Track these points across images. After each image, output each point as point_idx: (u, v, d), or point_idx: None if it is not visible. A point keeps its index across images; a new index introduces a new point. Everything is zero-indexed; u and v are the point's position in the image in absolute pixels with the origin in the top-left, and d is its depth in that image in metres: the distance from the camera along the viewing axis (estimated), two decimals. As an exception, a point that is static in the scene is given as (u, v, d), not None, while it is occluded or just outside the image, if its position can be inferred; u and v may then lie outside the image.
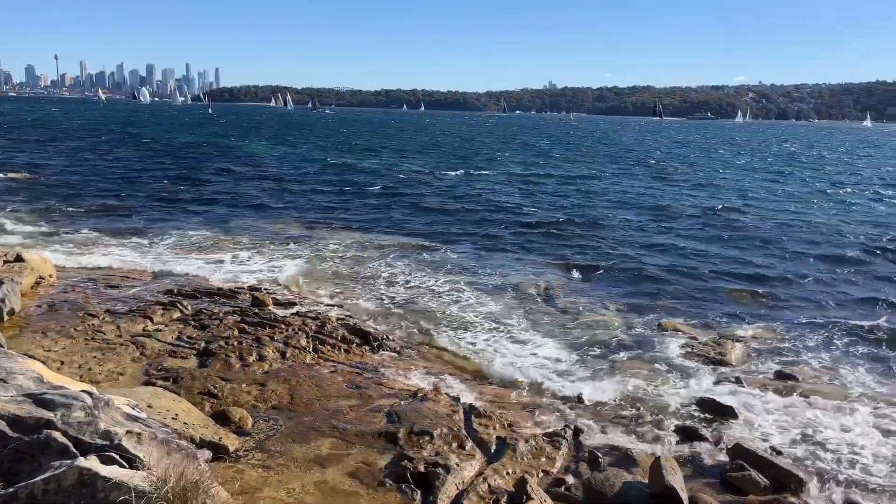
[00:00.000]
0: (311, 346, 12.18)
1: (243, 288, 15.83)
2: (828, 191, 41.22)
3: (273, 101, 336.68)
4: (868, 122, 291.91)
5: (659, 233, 25.06)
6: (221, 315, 13.44)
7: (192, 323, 12.97)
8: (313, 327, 13.02)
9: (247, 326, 12.80)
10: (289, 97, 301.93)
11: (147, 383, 9.98)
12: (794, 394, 10.87)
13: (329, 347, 12.30)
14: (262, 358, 11.32)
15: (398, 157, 58.34)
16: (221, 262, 18.55)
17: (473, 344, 12.87)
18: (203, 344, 11.82)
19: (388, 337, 12.94)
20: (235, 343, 11.88)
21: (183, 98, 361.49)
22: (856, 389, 11.24)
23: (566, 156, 68.24)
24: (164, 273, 16.97)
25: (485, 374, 11.55)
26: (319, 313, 14.10)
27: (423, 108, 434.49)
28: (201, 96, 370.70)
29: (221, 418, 8.92)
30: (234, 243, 20.91)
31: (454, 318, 14.40)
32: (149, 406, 8.03)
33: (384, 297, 15.76)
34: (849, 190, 41.93)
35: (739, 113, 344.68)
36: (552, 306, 15.58)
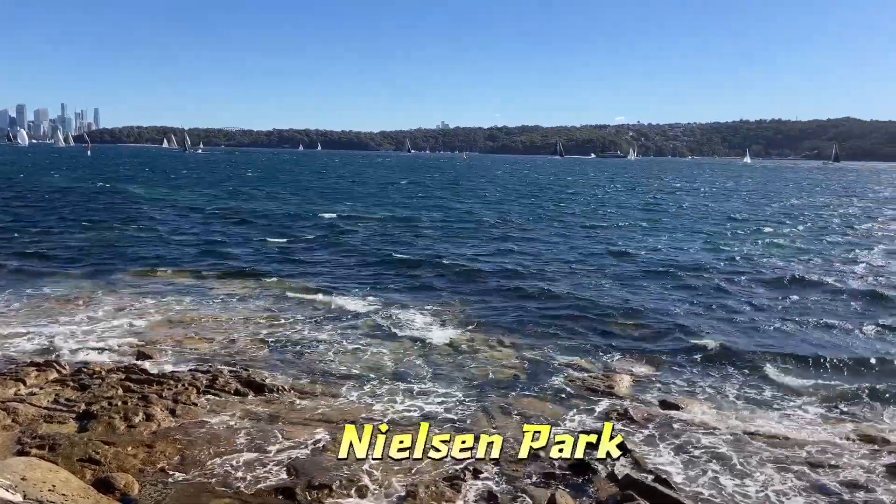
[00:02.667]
0: (202, 401, 11.73)
1: (126, 344, 15.07)
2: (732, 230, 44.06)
3: (166, 142, 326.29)
4: (748, 159, 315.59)
5: (553, 271, 25.92)
6: (104, 373, 12.71)
7: (71, 383, 12.19)
8: (204, 381, 12.55)
9: (132, 384, 12.17)
10: (186, 138, 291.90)
11: (20, 453, 9.28)
12: (678, 422, 11.50)
13: (222, 401, 11.89)
14: (149, 417, 10.78)
15: (286, 199, 57.58)
16: (92, 318, 17.57)
17: (371, 390, 12.80)
18: (83, 406, 11.13)
19: (283, 388, 12.66)
20: (120, 403, 11.25)
21: (65, 140, 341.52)
22: (733, 414, 12.02)
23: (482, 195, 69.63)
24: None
25: (382, 420, 11.49)
26: (211, 366, 13.62)
27: (319, 148, 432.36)
28: (85, 136, 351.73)
29: (105, 486, 8.42)
30: (102, 295, 19.86)
31: (350, 365, 14.29)
32: (22, 479, 7.49)
33: (277, 347, 15.43)
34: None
35: (631, 151, 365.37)
36: (448, 346, 15.76)
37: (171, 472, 9.12)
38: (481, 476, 9.32)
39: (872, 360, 15.10)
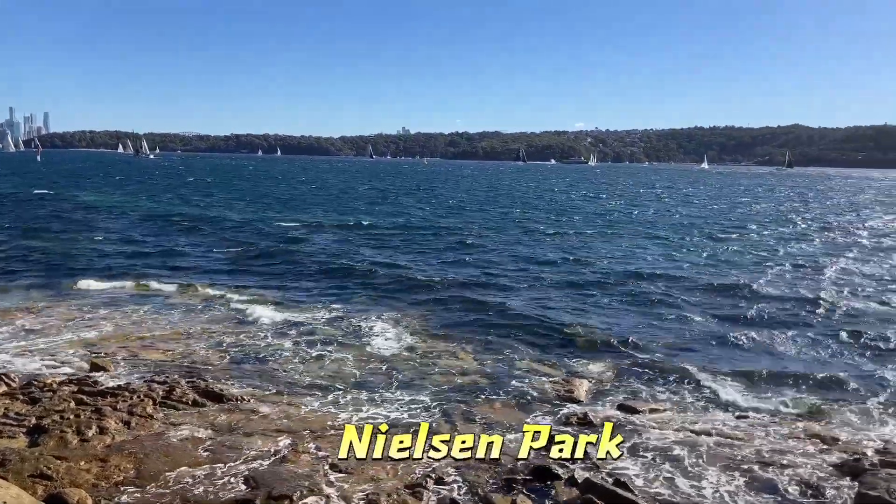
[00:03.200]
0: (159, 413, 11.52)
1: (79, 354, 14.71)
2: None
3: (121, 147, 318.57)
4: (705, 165, 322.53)
5: (514, 278, 26.11)
6: (55, 386, 12.38)
7: (21, 397, 11.85)
8: (161, 392, 12.32)
9: (85, 397, 11.88)
10: (143, 143, 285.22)
11: (-33, 470, 8.97)
12: (636, 425, 11.70)
13: (179, 413, 11.69)
14: (102, 431, 10.54)
15: (244, 207, 56.91)
16: (42, 330, 17.11)
17: (334, 399, 12.72)
18: (34, 420, 10.82)
19: (243, 397, 12.50)
20: (72, 416, 10.98)
21: (14, 144, 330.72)
22: (688, 416, 12.28)
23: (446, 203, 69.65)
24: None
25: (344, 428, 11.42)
26: (167, 377, 13.37)
27: (279, 153, 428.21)
28: (35, 141, 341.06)
29: (57, 502, 8.22)
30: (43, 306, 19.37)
31: (311, 373, 14.19)
32: (-31, 498, 7.25)
33: (236, 356, 15.24)
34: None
35: (592, 157, 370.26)
36: (410, 354, 15.77)
37: (126, 487, 8.92)
38: (444, 483, 9.34)
39: (822, 364, 15.59)
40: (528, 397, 13.07)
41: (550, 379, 14.16)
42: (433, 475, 9.48)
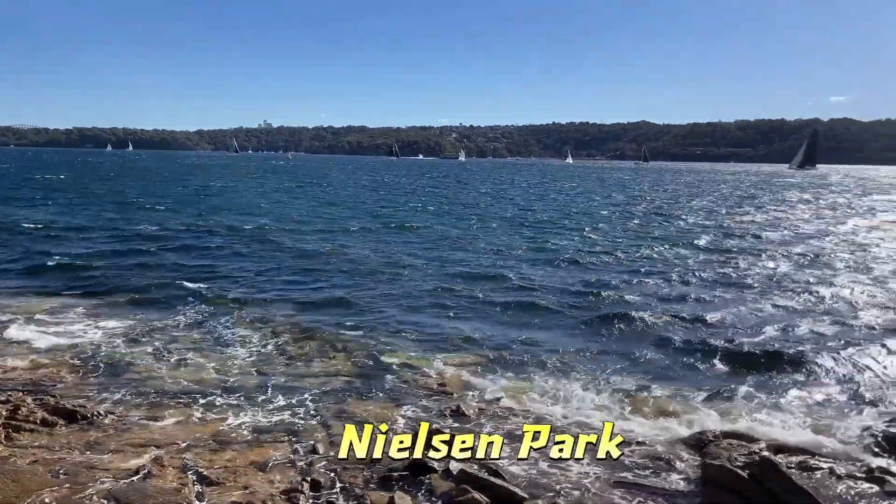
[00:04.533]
0: (2, 436, 10.53)
1: None
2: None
3: None
4: (569, 160, 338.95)
5: (383, 272, 26.17)
6: None
7: None
8: (4, 413, 11.27)
9: (-88, 424, 10.63)
10: None
11: None
12: (507, 413, 12.18)
13: (27, 434, 10.76)
14: (-65, 460, 9.49)
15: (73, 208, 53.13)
16: None
17: (199, 407, 12.21)
18: None
19: (100, 413, 11.71)
20: None
21: None
22: (556, 402, 12.92)
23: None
24: None
25: (214, 438, 11.03)
26: (10, 396, 12.25)
27: (131, 148, 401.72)
28: None
29: None
30: None
31: (176, 381, 13.53)
32: None
33: (89, 367, 14.23)
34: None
35: (462, 153, 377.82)
36: (282, 355, 15.45)
37: (-34, 520, 8.12)
38: (320, 487, 9.27)
39: (673, 347, 16.92)
40: (403, 391, 13.24)
41: (422, 372, 14.39)
42: (309, 479, 9.38)
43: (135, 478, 9.33)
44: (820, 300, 22.16)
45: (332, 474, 9.63)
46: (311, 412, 12.11)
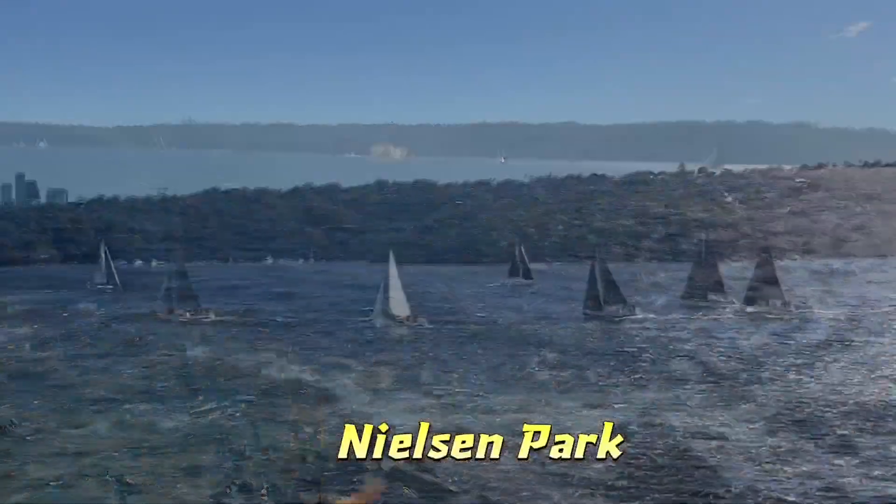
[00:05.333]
0: None
1: None
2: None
3: None
4: (502, 159, 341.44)
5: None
6: None
7: None
8: None
9: None
10: None
11: None
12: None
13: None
14: None
15: None
16: None
17: (120, 415, 11.87)
18: None
19: (13, 421, 11.20)
20: None
21: None
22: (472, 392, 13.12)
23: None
24: None
25: (139, 444, 10.77)
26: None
27: (44, 145, 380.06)
28: None
29: None
30: None
31: (97, 389, 13.10)
32: None
33: (1, 376, 13.58)
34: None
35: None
36: (207, 362, 15.17)
37: None
38: (250, 489, 9.21)
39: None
40: (334, 392, 13.23)
41: (350, 374, 14.42)
42: (237, 482, 9.28)
43: (54, 486, 9.01)
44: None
45: (263, 477, 9.55)
46: (239, 413, 11.94)
